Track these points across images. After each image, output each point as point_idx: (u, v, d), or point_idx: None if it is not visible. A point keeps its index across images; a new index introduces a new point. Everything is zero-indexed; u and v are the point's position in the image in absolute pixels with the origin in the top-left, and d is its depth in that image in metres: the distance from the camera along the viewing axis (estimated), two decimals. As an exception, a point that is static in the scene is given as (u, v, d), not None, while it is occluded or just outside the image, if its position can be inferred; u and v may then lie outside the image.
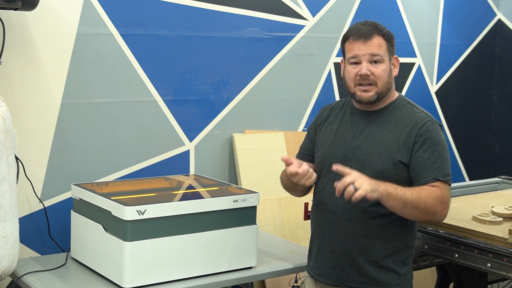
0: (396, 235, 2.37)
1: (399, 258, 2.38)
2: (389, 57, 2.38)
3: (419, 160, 2.31)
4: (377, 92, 2.35)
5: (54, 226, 2.88)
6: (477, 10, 4.46)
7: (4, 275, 2.38)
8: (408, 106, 2.42)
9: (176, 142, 3.26)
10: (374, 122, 2.40)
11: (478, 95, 4.57)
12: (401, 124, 2.37)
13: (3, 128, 2.30)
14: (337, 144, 2.43)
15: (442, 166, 2.32)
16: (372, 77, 2.33)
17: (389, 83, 2.39)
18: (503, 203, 3.06)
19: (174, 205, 2.49)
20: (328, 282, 2.44)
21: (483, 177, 3.97)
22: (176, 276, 2.48)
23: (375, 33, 2.35)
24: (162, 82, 3.18)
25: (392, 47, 2.40)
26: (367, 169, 2.32)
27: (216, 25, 3.32)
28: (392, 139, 2.35)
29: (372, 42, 2.33)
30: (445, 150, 2.36)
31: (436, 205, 2.27)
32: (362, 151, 2.37)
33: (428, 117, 2.38)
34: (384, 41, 2.36)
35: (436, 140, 2.33)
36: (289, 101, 3.62)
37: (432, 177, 2.29)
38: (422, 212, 2.27)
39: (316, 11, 3.68)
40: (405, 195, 2.24)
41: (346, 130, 2.44)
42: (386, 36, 2.38)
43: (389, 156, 2.33)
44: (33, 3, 2.59)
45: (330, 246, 2.42)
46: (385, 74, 2.35)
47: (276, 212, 3.43)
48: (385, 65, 2.35)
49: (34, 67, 2.82)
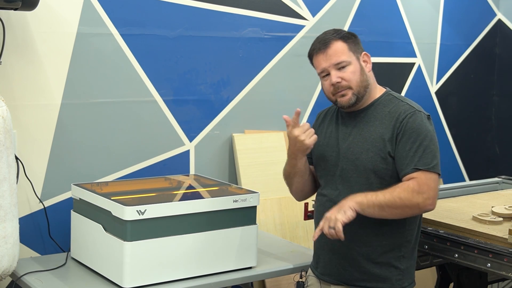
0: (395, 231, 2.37)
1: (400, 254, 2.39)
2: (356, 56, 2.38)
3: (401, 152, 2.31)
4: (353, 93, 2.36)
5: (54, 226, 2.88)
6: (477, 10, 4.46)
7: (4, 275, 2.38)
8: (394, 100, 2.42)
9: (176, 142, 3.26)
10: (361, 120, 2.41)
11: (478, 95, 4.57)
12: (386, 119, 2.37)
13: (3, 128, 2.30)
14: (330, 146, 2.47)
15: (423, 155, 2.29)
16: (344, 82, 2.36)
17: (364, 81, 2.38)
18: (503, 203, 3.06)
19: (174, 205, 2.49)
20: (332, 281, 2.47)
21: (483, 177, 3.97)
22: (176, 276, 2.48)
23: (332, 39, 2.38)
24: (162, 82, 3.18)
25: (356, 46, 2.40)
26: (359, 168, 2.36)
27: (216, 25, 3.32)
28: (379, 134, 2.35)
29: (332, 50, 2.36)
30: (428, 139, 2.32)
31: (413, 198, 2.25)
32: (351, 150, 2.39)
33: (411, 109, 2.36)
34: (343, 43, 2.37)
35: (416, 130, 2.31)
36: (289, 101, 3.62)
37: (412, 167, 2.28)
38: (403, 208, 2.27)
39: (316, 11, 3.68)
40: (377, 199, 2.25)
41: (337, 132, 2.47)
42: (345, 37, 2.39)
43: (377, 152, 2.34)
44: (33, 3, 2.59)
45: (330, 246, 2.44)
46: (355, 75, 2.36)
47: (276, 212, 3.43)
48: (353, 66, 2.36)
49: (34, 67, 2.82)
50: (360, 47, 2.43)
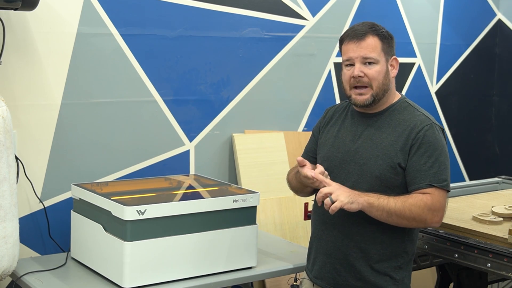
0: (394, 240, 2.33)
1: (397, 264, 2.34)
2: (386, 57, 2.32)
3: (415, 165, 2.26)
4: (372, 95, 2.30)
5: (54, 226, 2.88)
6: (477, 10, 4.46)
7: (4, 275, 2.38)
8: (409, 108, 2.36)
9: (176, 142, 3.26)
10: (373, 125, 2.35)
11: (478, 95, 4.57)
12: (400, 127, 2.31)
13: (3, 128, 2.30)
14: (336, 147, 2.40)
15: (438, 171, 2.26)
16: (366, 79, 2.29)
17: (385, 84, 2.32)
18: (503, 203, 3.06)
19: (174, 205, 2.49)
20: (325, 286, 2.42)
21: (483, 177, 3.97)
22: (176, 276, 2.48)
23: (369, 33, 2.30)
24: (162, 82, 3.18)
25: (389, 48, 2.34)
26: (365, 174, 2.30)
27: (216, 25, 3.32)
28: (391, 142, 2.30)
29: (366, 43, 2.28)
30: (444, 155, 2.29)
31: (424, 213, 2.21)
32: (360, 154, 2.33)
33: (427, 120, 2.31)
34: (379, 41, 2.30)
35: (433, 144, 2.27)
36: (289, 101, 3.62)
37: (427, 182, 2.24)
38: (410, 220, 2.23)
39: (316, 11, 3.68)
40: (388, 205, 2.20)
41: (346, 132, 2.40)
42: (382, 36, 2.32)
43: (387, 160, 2.28)
44: (33, 3, 2.59)
45: (326, 250, 2.40)
46: (379, 75, 2.29)
47: (276, 212, 3.43)
48: (380, 66, 2.30)
49: (34, 67, 2.82)
50: (392, 50, 2.36)
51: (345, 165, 2.35)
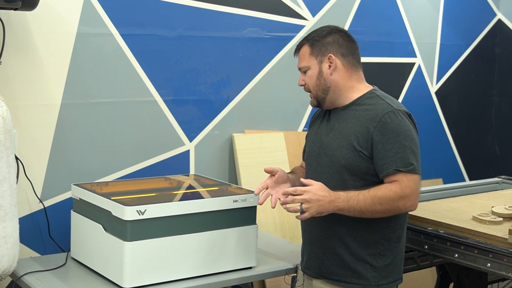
0: (371, 227, 2.36)
1: (376, 251, 2.37)
2: (318, 59, 2.41)
3: (381, 153, 2.30)
4: (314, 97, 2.45)
5: (54, 226, 2.88)
6: (477, 10, 4.46)
7: (4, 275, 2.38)
8: (375, 98, 2.40)
9: (176, 142, 3.26)
10: (342, 118, 2.42)
11: (478, 95, 4.57)
12: (363, 117, 2.36)
13: (3, 128, 2.30)
14: (315, 142, 2.50)
15: (404, 156, 2.28)
16: (307, 86, 2.45)
17: (321, 84, 2.41)
18: (503, 203, 3.06)
19: (174, 205, 2.49)
20: (312, 275, 2.49)
21: (483, 177, 3.97)
22: (176, 276, 2.48)
23: (303, 43, 2.44)
24: (162, 82, 3.18)
25: (319, 49, 2.41)
26: (334, 164, 2.38)
27: (216, 25, 3.32)
28: (354, 132, 2.35)
29: (299, 55, 2.46)
30: (409, 139, 2.30)
31: (395, 203, 2.26)
32: (330, 146, 2.41)
33: (389, 107, 2.34)
34: (308, 48, 2.43)
35: (395, 130, 2.29)
36: (289, 101, 3.62)
37: (393, 168, 2.27)
38: (384, 212, 2.29)
39: (316, 11, 3.68)
40: (358, 205, 2.26)
41: (322, 128, 2.49)
42: (312, 40, 2.43)
43: (350, 149, 2.34)
44: (33, 3, 2.59)
45: (310, 240, 2.48)
46: (312, 79, 2.42)
47: (276, 212, 3.43)
48: (312, 70, 2.42)
49: (34, 67, 2.82)
50: (324, 50, 2.41)
51: (320, 158, 2.44)
